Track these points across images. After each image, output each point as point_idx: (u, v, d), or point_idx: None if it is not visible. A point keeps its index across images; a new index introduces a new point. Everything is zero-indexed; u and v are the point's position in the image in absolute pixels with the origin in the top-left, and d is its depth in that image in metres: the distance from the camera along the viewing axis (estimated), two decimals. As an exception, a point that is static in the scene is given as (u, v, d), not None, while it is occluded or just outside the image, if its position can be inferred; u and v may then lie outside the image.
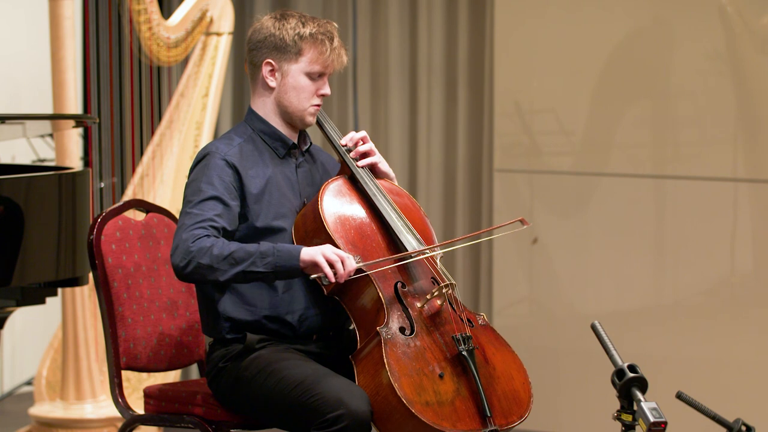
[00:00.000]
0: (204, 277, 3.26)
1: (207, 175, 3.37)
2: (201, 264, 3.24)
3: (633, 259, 5.53)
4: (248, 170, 3.42)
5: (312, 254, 3.23)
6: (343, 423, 3.15)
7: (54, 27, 5.00)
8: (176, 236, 3.30)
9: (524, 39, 5.72)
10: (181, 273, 3.27)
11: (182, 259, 3.25)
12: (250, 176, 3.42)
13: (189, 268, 3.25)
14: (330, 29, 3.46)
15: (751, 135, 5.32)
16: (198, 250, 3.24)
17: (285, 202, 3.45)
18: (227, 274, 3.24)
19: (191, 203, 3.34)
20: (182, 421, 3.52)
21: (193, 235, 3.26)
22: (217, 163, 3.39)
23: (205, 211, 3.31)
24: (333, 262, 3.22)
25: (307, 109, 3.48)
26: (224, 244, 3.26)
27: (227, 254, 3.24)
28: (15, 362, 6.47)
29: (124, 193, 5.48)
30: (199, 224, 3.29)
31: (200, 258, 3.24)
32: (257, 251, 3.24)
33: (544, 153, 5.76)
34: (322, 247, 3.24)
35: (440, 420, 3.17)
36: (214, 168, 3.38)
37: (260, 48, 3.46)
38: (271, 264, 3.24)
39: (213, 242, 3.25)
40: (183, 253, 3.25)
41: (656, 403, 2.87)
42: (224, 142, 3.46)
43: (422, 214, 3.57)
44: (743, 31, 5.32)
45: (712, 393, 4.99)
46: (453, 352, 3.29)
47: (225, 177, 3.37)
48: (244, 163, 3.42)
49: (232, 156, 3.41)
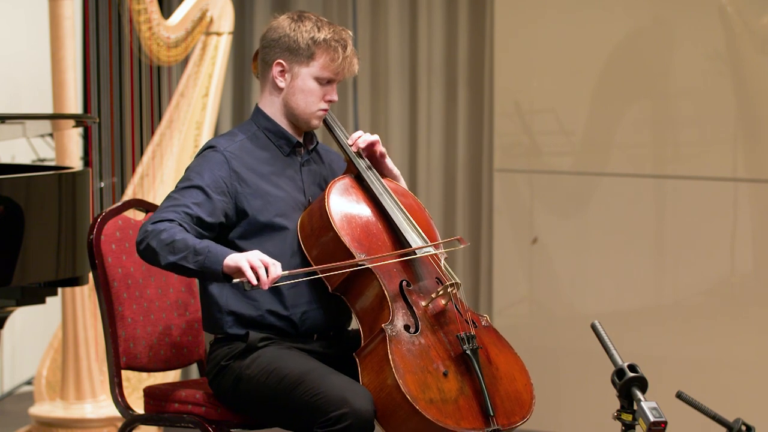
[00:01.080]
0: (151, 258, 3.27)
1: (199, 166, 3.39)
2: (149, 245, 3.25)
3: (633, 259, 5.53)
4: (248, 166, 3.42)
5: (237, 260, 3.19)
6: (347, 422, 3.16)
7: (54, 27, 5.00)
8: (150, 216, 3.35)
9: (524, 39, 5.72)
10: (138, 249, 3.29)
11: (139, 236, 3.28)
12: (249, 172, 3.42)
13: (142, 245, 3.27)
14: (344, 37, 3.47)
15: (751, 135, 5.32)
16: (152, 231, 3.25)
17: (288, 199, 3.46)
18: (165, 260, 3.24)
19: (176, 189, 3.37)
20: (182, 420, 3.52)
21: (159, 216, 3.29)
22: (214, 156, 3.40)
23: (183, 198, 3.33)
24: (256, 268, 3.17)
25: (314, 113, 3.49)
26: (176, 232, 3.25)
27: (170, 242, 3.23)
28: (15, 362, 6.47)
29: (124, 193, 5.48)
30: (172, 208, 3.31)
31: (150, 239, 3.25)
32: (193, 247, 3.23)
33: (544, 153, 5.76)
34: (248, 253, 3.21)
35: (444, 417, 3.18)
36: (209, 161, 3.40)
37: (273, 47, 3.47)
38: (200, 263, 3.22)
39: (167, 227, 3.25)
40: (142, 231, 3.28)
41: (656, 403, 2.87)
42: (226, 138, 3.48)
43: (427, 216, 3.59)
44: (743, 31, 5.33)
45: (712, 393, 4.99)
46: (457, 351, 3.30)
47: (216, 171, 3.38)
48: (245, 158, 3.43)
49: (232, 151, 3.42)
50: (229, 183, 3.39)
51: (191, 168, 3.41)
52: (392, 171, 3.62)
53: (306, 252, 3.41)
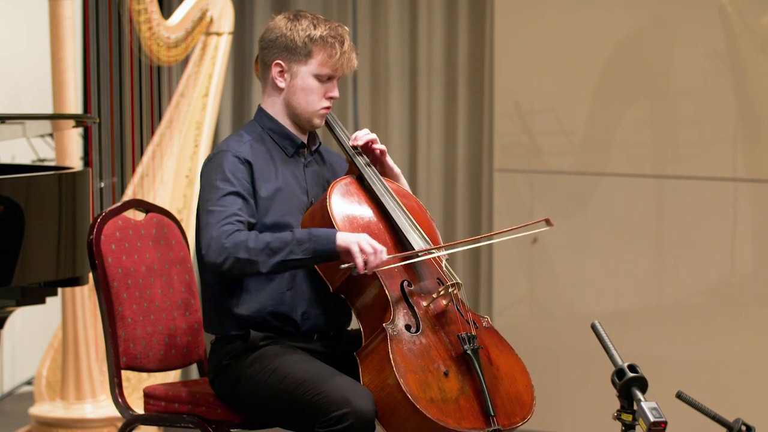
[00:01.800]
0: (243, 271, 3.28)
1: (222, 173, 3.38)
2: (239, 258, 3.25)
3: (633, 259, 5.53)
4: (259, 167, 3.43)
5: (348, 242, 3.25)
6: (348, 422, 3.16)
7: (54, 27, 5.00)
8: (204, 235, 3.31)
9: (524, 39, 5.72)
10: (218, 270, 3.28)
11: (218, 256, 3.26)
12: (261, 173, 3.42)
13: (227, 264, 3.26)
14: (341, 32, 3.47)
15: (751, 135, 5.32)
16: (233, 245, 3.25)
17: (293, 200, 3.46)
18: (267, 265, 3.26)
19: (211, 201, 3.35)
20: (182, 420, 3.52)
21: (223, 231, 3.27)
22: (230, 160, 3.40)
23: (227, 207, 3.33)
24: (367, 254, 3.24)
25: (317, 111, 3.49)
26: (257, 236, 3.27)
27: (263, 246, 3.25)
28: (15, 362, 6.47)
29: (124, 193, 5.48)
30: (226, 220, 3.30)
31: (237, 253, 3.25)
32: (293, 239, 3.26)
33: (544, 153, 5.76)
34: (358, 237, 3.26)
35: (444, 417, 3.18)
36: (228, 165, 3.39)
37: (271, 48, 3.47)
38: (309, 250, 3.26)
39: (247, 236, 3.27)
40: (218, 250, 3.26)
41: (656, 403, 2.87)
42: (235, 140, 3.47)
43: (428, 217, 3.59)
44: (743, 31, 5.33)
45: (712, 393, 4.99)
46: (458, 350, 3.30)
47: (239, 173, 3.38)
48: (255, 159, 3.43)
49: (244, 153, 3.42)
50: (250, 183, 3.40)
51: (214, 177, 3.38)
52: (393, 169, 3.62)
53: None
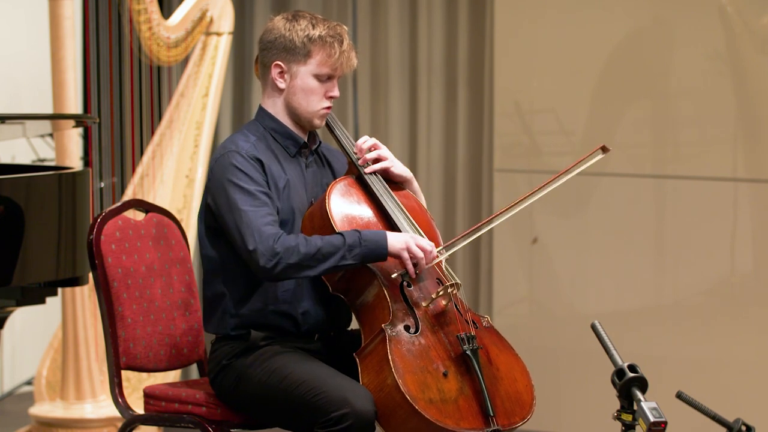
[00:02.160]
0: (295, 274, 3.30)
1: (240, 172, 3.37)
2: (290, 263, 3.27)
3: (633, 259, 5.53)
4: (267, 165, 3.43)
5: (398, 248, 3.30)
6: (348, 422, 3.16)
7: (54, 27, 5.00)
8: (246, 237, 3.29)
9: (524, 39, 5.72)
10: (269, 274, 3.29)
11: (268, 260, 3.27)
12: (271, 170, 3.42)
13: (278, 268, 3.27)
14: (340, 32, 3.46)
15: (751, 135, 5.32)
16: (285, 251, 3.27)
17: (296, 199, 3.46)
18: (316, 270, 3.29)
19: (240, 201, 3.33)
20: (182, 420, 3.52)
21: (269, 234, 3.28)
22: (243, 158, 3.39)
23: (260, 207, 3.33)
24: (418, 259, 3.31)
25: (317, 111, 3.48)
26: (307, 240, 3.29)
27: (315, 251, 3.27)
28: (15, 362, 6.47)
29: (124, 193, 5.48)
30: (263, 220, 3.30)
31: (288, 258, 3.27)
32: (344, 244, 3.28)
33: (544, 153, 5.76)
34: (407, 240, 3.30)
35: (444, 417, 3.18)
36: (242, 164, 3.38)
37: (270, 49, 3.47)
38: (360, 255, 3.29)
39: (296, 240, 3.28)
40: (269, 255, 3.27)
41: (656, 403, 2.87)
42: (241, 139, 3.46)
43: (428, 217, 3.58)
44: (743, 31, 5.32)
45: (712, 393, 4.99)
46: (457, 351, 3.30)
47: (255, 171, 3.38)
48: (264, 157, 3.43)
49: (253, 151, 3.42)
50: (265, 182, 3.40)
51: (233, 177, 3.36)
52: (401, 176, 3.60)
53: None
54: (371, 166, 3.52)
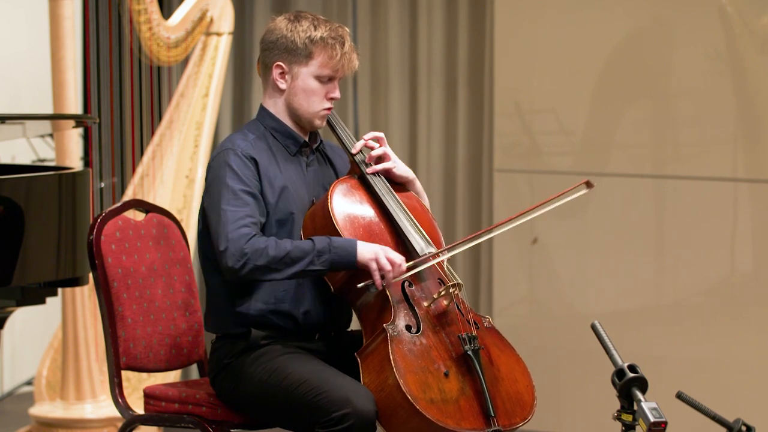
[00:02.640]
0: (261, 277, 3.30)
1: (231, 170, 3.38)
2: (258, 266, 3.27)
3: (633, 259, 5.53)
4: (264, 165, 3.43)
5: (366, 259, 3.28)
6: (349, 422, 3.16)
7: (54, 27, 5.00)
8: (220, 236, 3.30)
9: (524, 39, 5.72)
10: (235, 274, 3.29)
11: (236, 261, 3.27)
12: (266, 171, 3.43)
13: (245, 270, 3.27)
14: (342, 33, 3.47)
15: (751, 135, 5.32)
16: (253, 252, 3.27)
17: (296, 198, 3.46)
18: (283, 273, 3.29)
19: (223, 199, 3.34)
20: (182, 421, 3.52)
21: (242, 235, 3.28)
22: (237, 157, 3.40)
23: (240, 208, 3.33)
24: (385, 271, 3.28)
25: (318, 112, 3.49)
26: (277, 243, 3.29)
27: (283, 255, 3.27)
28: (15, 362, 6.47)
29: (124, 193, 5.48)
30: (241, 222, 3.31)
31: (256, 260, 3.27)
32: (313, 249, 3.28)
33: (544, 153, 5.76)
34: (376, 252, 3.29)
35: (444, 417, 3.18)
36: (236, 162, 3.39)
37: (272, 49, 3.47)
38: (328, 261, 3.29)
39: (266, 243, 3.28)
40: (237, 255, 3.27)
41: (656, 403, 2.87)
42: (240, 137, 3.47)
43: (430, 217, 3.58)
44: (743, 31, 5.32)
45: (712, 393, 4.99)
46: (458, 351, 3.30)
47: (247, 171, 3.39)
48: (259, 157, 3.43)
49: (249, 150, 3.42)
50: (258, 181, 3.40)
51: (223, 175, 3.38)
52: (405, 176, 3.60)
53: (309, 251, 3.41)
54: (374, 166, 3.53)
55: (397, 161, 3.57)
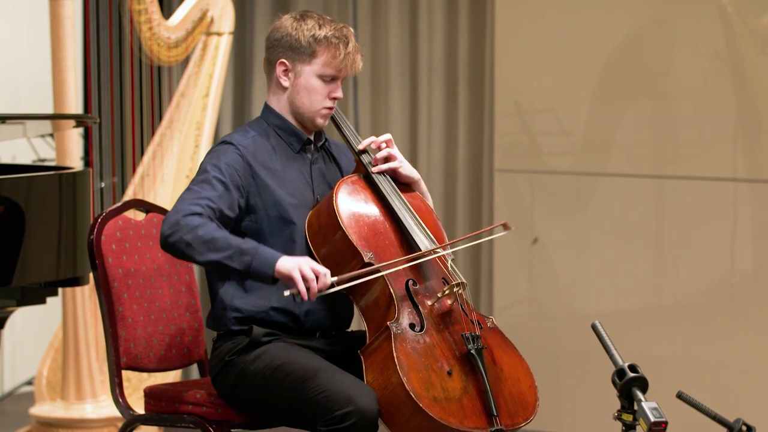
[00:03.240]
0: (182, 252, 3.26)
1: (216, 159, 3.40)
2: (183, 239, 3.24)
3: (633, 259, 5.53)
4: (261, 161, 3.43)
5: (289, 268, 3.21)
6: (351, 420, 3.16)
7: (54, 27, 5.00)
8: (173, 208, 3.32)
9: (525, 39, 5.72)
10: (164, 242, 3.28)
11: (169, 228, 3.26)
12: (262, 167, 3.43)
13: (172, 238, 3.26)
14: (346, 33, 3.47)
15: (752, 135, 5.32)
16: (185, 225, 3.25)
17: (298, 196, 3.47)
18: (202, 257, 3.24)
19: (194, 181, 3.37)
20: (182, 420, 3.52)
21: (187, 209, 3.28)
22: (230, 150, 3.41)
23: (204, 190, 3.33)
24: (309, 280, 3.21)
25: (319, 111, 3.49)
26: (213, 228, 3.26)
27: (209, 238, 3.24)
28: (15, 362, 6.47)
29: (125, 193, 5.48)
30: (196, 201, 3.30)
31: (184, 233, 3.24)
32: (238, 247, 3.24)
33: (544, 153, 5.76)
34: (299, 261, 3.22)
35: (447, 416, 3.18)
36: (225, 154, 3.40)
37: (276, 47, 3.48)
38: (246, 264, 3.24)
39: (202, 222, 3.25)
40: (172, 223, 3.26)
41: (657, 403, 2.87)
42: (239, 133, 3.49)
43: (434, 217, 3.59)
44: (743, 31, 5.33)
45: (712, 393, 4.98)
46: (462, 350, 3.30)
47: (233, 164, 3.39)
48: (258, 154, 3.44)
49: (247, 146, 3.43)
50: (244, 177, 3.40)
51: (208, 161, 3.41)
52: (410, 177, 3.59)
53: (313, 250, 3.41)
54: (380, 165, 3.53)
55: (403, 161, 3.57)
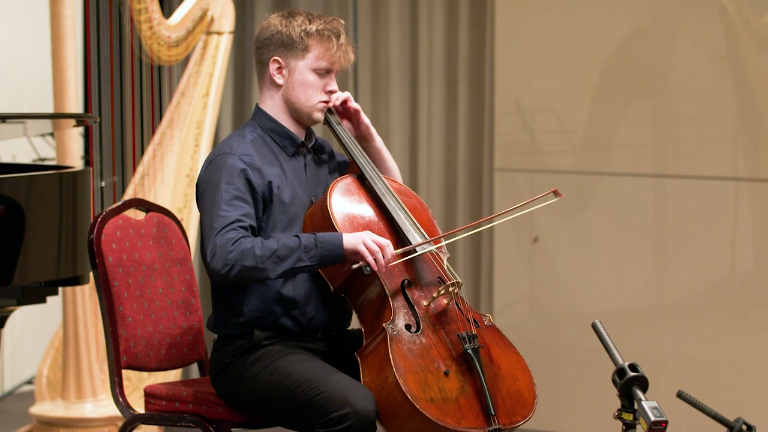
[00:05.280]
0: (250, 278, 3.28)
1: (226, 175, 3.37)
2: (246, 266, 3.25)
3: (633, 258, 5.53)
4: (264, 167, 3.43)
5: (354, 244, 3.27)
6: (349, 422, 3.16)
7: (54, 26, 5.00)
8: (209, 240, 3.29)
9: (525, 38, 5.72)
10: (224, 278, 3.27)
11: (224, 265, 3.25)
12: (267, 173, 3.42)
13: (233, 272, 3.26)
14: (337, 26, 3.48)
15: (752, 134, 5.32)
16: (240, 254, 3.25)
17: (296, 199, 3.46)
18: (275, 272, 3.27)
19: (216, 204, 3.33)
20: (183, 420, 3.52)
21: (228, 239, 3.27)
22: (236, 162, 3.39)
23: (231, 212, 3.32)
24: (374, 252, 3.26)
25: (315, 105, 3.49)
26: (263, 243, 3.27)
27: (270, 254, 3.26)
28: (16, 361, 6.47)
29: (125, 193, 5.48)
30: (230, 227, 3.29)
31: (243, 261, 3.25)
32: (299, 246, 3.27)
33: (544, 152, 5.76)
34: (362, 235, 3.28)
35: (444, 417, 3.18)
36: (231, 167, 3.38)
37: (267, 45, 3.48)
38: (317, 256, 3.28)
39: (252, 243, 3.26)
40: (223, 258, 3.25)
41: (657, 402, 2.87)
42: (237, 140, 3.46)
43: (430, 215, 3.59)
44: (744, 31, 5.32)
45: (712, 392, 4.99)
46: (458, 350, 3.30)
47: (243, 175, 3.37)
48: (258, 159, 3.43)
49: (248, 152, 3.42)
50: (255, 186, 3.39)
51: (217, 179, 3.36)
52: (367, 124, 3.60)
53: (308, 251, 3.41)
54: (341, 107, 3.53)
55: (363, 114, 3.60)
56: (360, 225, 3.42)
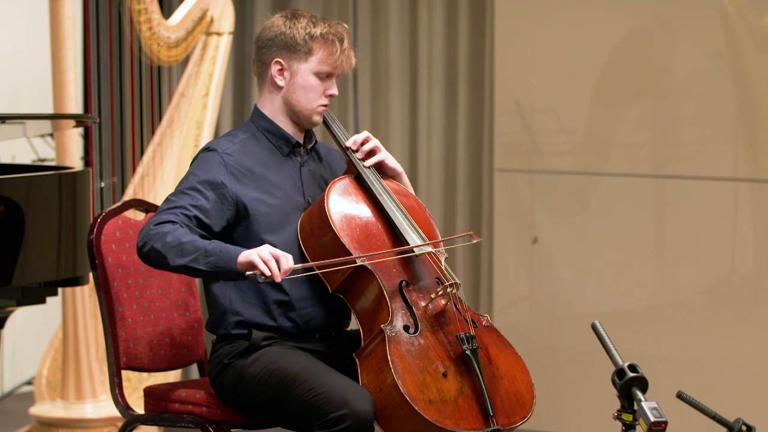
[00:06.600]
0: (155, 261, 3.28)
1: (199, 168, 3.40)
2: (154, 248, 3.26)
3: (633, 258, 5.53)
4: (247, 167, 3.43)
5: (248, 255, 3.20)
6: (347, 423, 3.16)
7: (54, 27, 5.00)
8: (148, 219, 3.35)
9: (525, 38, 5.72)
10: (139, 252, 3.30)
11: (141, 239, 3.29)
12: (249, 172, 3.42)
13: (145, 249, 3.28)
14: (340, 30, 3.48)
15: (752, 134, 5.32)
16: (155, 234, 3.26)
17: (287, 200, 3.46)
18: (173, 263, 3.25)
19: (174, 192, 3.38)
20: (182, 420, 3.52)
21: (159, 218, 3.30)
22: (212, 158, 3.41)
23: (181, 199, 3.34)
24: (267, 261, 3.18)
25: (315, 108, 3.49)
26: (181, 234, 3.26)
27: (177, 244, 3.24)
28: (15, 362, 6.47)
29: (125, 193, 5.48)
30: (171, 210, 3.31)
31: (154, 242, 3.26)
32: (203, 249, 3.24)
33: (544, 152, 5.76)
34: (258, 248, 3.22)
35: (443, 418, 3.18)
36: (209, 162, 3.40)
37: (270, 46, 3.47)
38: (212, 264, 3.24)
39: (171, 229, 3.26)
40: (144, 234, 3.29)
41: (657, 403, 2.87)
42: (226, 139, 3.48)
43: (428, 216, 3.58)
44: (744, 31, 5.32)
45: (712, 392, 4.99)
46: (456, 351, 3.30)
47: (214, 172, 3.38)
48: (245, 159, 3.43)
49: (232, 153, 3.42)
50: (229, 184, 3.39)
51: (190, 170, 3.42)
52: (395, 169, 3.61)
53: (306, 252, 3.41)
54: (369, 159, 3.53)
55: (387, 154, 3.57)
56: (357, 225, 3.42)
